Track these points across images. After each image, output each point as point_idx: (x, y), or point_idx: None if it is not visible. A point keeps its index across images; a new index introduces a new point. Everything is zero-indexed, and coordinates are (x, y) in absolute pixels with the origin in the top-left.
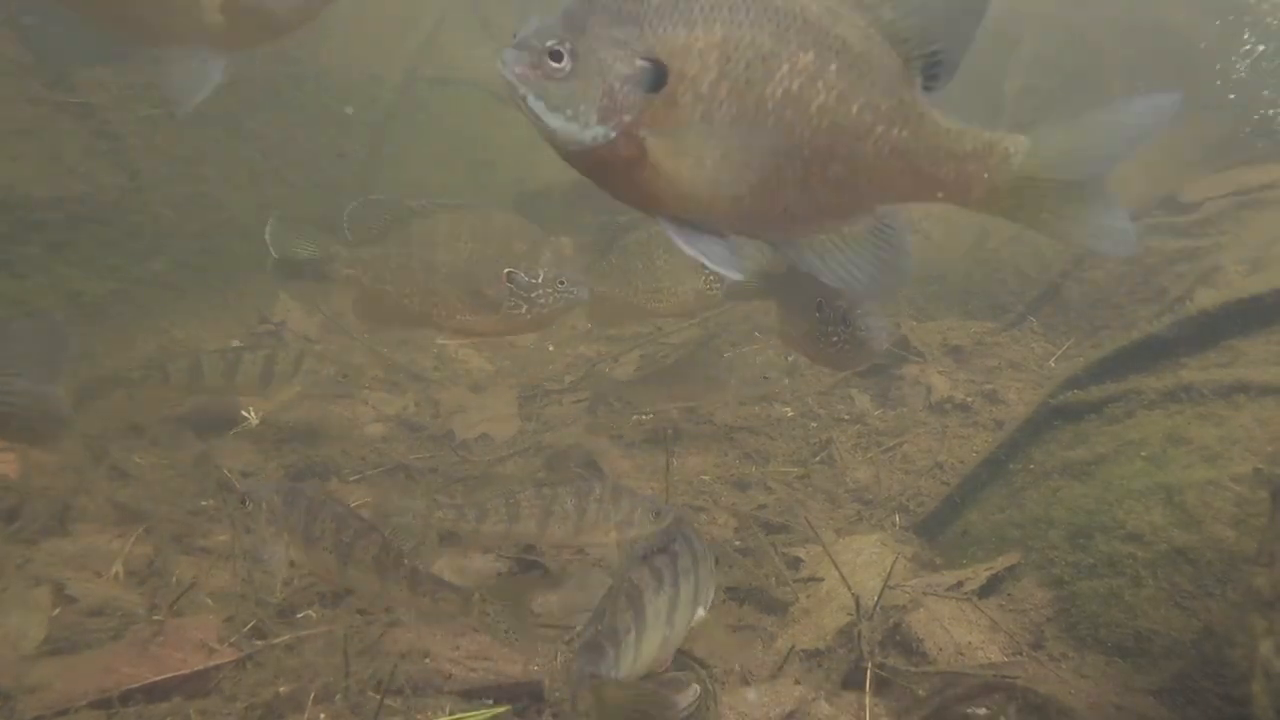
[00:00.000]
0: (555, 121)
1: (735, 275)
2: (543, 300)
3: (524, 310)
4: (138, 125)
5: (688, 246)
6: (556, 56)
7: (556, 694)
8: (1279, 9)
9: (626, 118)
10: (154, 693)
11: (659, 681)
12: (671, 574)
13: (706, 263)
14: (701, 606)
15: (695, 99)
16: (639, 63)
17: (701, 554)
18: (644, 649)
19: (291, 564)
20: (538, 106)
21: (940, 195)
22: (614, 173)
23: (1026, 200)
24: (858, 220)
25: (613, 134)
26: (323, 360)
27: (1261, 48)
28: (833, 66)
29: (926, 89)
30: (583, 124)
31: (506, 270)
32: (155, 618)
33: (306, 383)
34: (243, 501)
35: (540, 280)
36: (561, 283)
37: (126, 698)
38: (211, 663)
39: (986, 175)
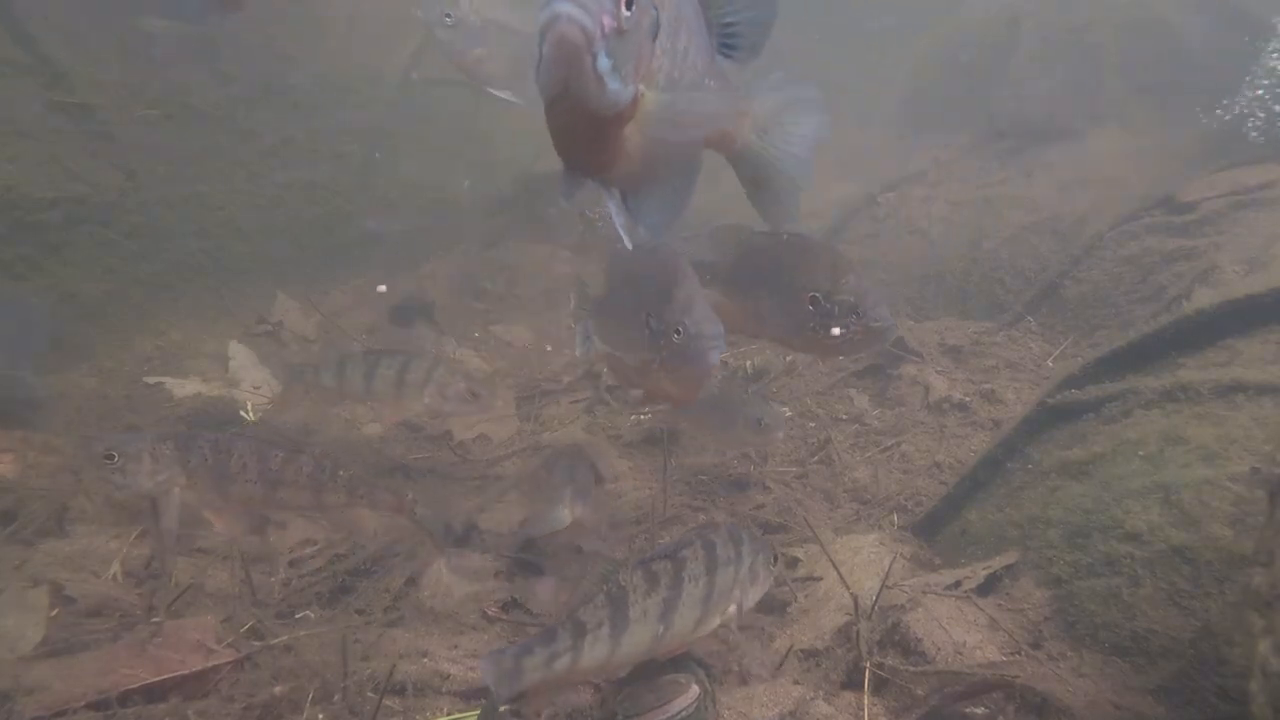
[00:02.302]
0: (613, 84)
1: (629, 243)
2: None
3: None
4: (135, 126)
5: (617, 213)
6: (628, 2)
7: None
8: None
9: (642, 72)
10: (152, 694)
11: (659, 682)
12: (672, 577)
13: (622, 231)
14: (734, 604)
15: (661, 50)
16: (653, 11)
17: (731, 559)
18: (625, 643)
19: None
20: (604, 67)
21: (717, 143)
22: (607, 133)
23: (750, 161)
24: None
25: (633, 91)
26: (452, 373)
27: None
28: (697, 22)
29: (724, 55)
30: (625, 83)
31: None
32: (154, 620)
33: (434, 395)
34: (109, 457)
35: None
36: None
37: (125, 698)
38: (210, 664)
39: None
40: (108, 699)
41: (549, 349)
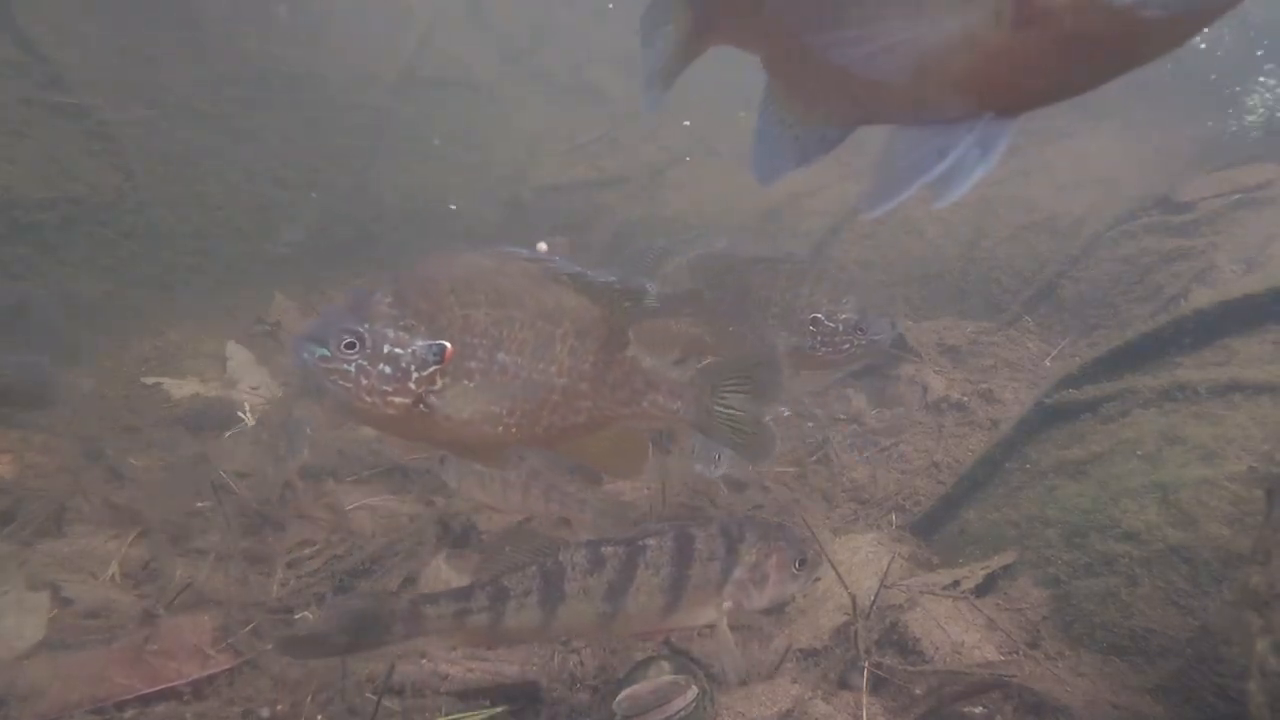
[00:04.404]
0: None
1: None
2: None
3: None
4: (133, 126)
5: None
6: None
7: (554, 694)
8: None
9: None
10: (150, 697)
11: (658, 683)
12: (624, 561)
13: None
14: (729, 601)
15: None
16: None
17: (717, 554)
18: (563, 615)
19: None
20: None
21: None
22: None
23: None
24: None
25: None
26: None
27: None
28: None
29: None
30: None
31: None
32: (151, 623)
33: None
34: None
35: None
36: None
37: (123, 705)
38: (206, 672)
39: None
40: (105, 706)
41: None
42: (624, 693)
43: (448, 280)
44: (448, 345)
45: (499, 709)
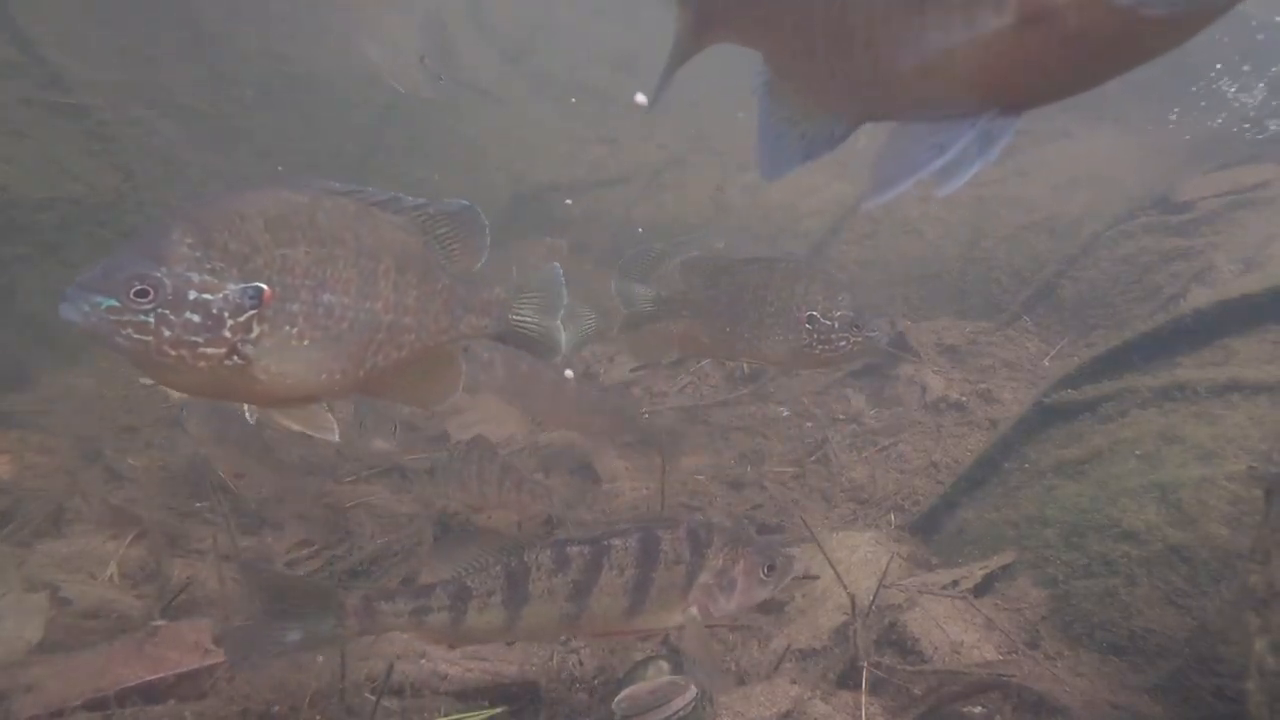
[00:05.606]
0: None
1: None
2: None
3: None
4: (133, 126)
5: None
6: None
7: (554, 695)
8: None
9: None
10: (150, 693)
11: (658, 684)
12: (588, 561)
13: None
14: (694, 606)
15: None
16: None
17: (681, 558)
18: (527, 616)
19: None
20: None
21: None
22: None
23: None
24: None
25: None
26: None
27: None
28: None
29: None
30: None
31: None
32: (151, 624)
33: None
34: None
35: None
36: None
37: (122, 698)
38: (206, 662)
39: None
40: (105, 698)
41: None
42: (623, 693)
43: (259, 217)
44: (265, 288)
45: (499, 709)
